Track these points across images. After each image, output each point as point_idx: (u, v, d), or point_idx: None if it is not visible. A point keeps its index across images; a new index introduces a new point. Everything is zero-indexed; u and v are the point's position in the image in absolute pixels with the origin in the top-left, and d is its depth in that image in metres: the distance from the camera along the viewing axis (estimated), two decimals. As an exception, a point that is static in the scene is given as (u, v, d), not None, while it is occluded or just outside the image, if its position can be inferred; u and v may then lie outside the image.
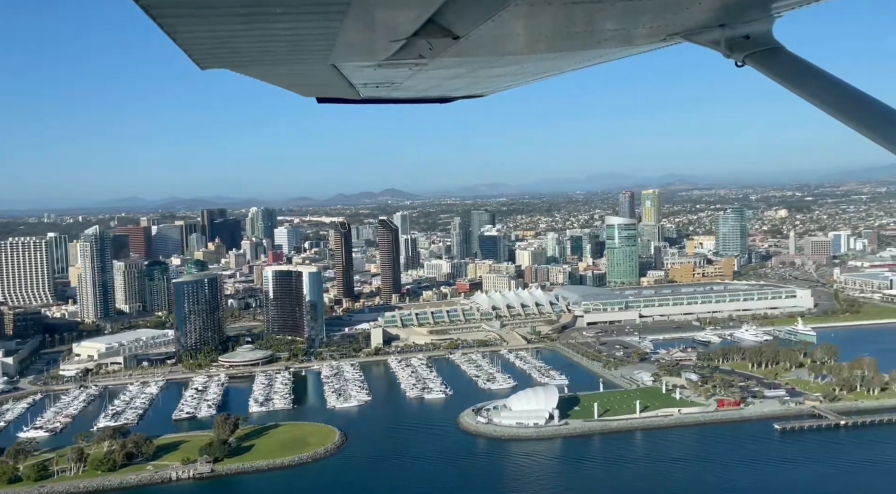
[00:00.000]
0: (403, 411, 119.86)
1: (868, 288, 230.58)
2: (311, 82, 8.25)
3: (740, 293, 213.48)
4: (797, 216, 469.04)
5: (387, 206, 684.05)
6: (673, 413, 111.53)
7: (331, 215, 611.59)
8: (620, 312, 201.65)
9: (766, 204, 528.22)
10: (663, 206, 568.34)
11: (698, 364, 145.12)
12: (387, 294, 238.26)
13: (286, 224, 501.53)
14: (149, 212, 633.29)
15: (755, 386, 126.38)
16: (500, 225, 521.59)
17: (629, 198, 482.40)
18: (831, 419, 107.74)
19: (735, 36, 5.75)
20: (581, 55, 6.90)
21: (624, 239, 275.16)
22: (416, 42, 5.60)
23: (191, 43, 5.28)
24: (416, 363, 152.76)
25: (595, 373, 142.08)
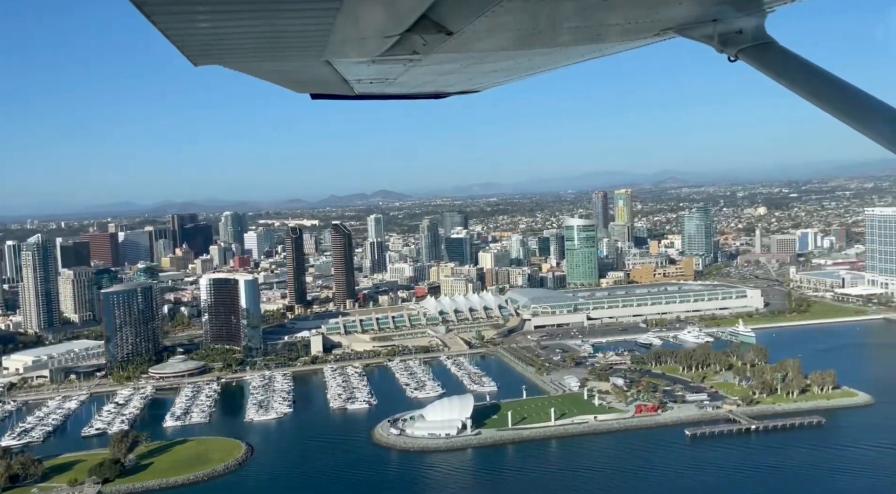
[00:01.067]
0: (321, 423, 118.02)
1: (822, 286, 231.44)
2: (305, 78, 8.22)
3: (691, 294, 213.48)
4: (776, 213, 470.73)
5: (376, 208, 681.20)
6: (588, 420, 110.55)
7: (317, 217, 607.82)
8: (569, 315, 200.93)
9: (750, 201, 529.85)
10: (647, 205, 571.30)
11: (631, 367, 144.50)
12: (341, 299, 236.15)
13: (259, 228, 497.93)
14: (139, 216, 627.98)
15: (680, 390, 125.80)
16: (480, 226, 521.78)
17: (602, 197, 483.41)
18: (744, 423, 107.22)
19: (728, 30, 5.75)
20: (575, 50, 6.94)
21: (583, 240, 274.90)
22: (409, 38, 5.55)
23: (184, 39, 5.24)
24: (351, 371, 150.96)
25: (527, 379, 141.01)
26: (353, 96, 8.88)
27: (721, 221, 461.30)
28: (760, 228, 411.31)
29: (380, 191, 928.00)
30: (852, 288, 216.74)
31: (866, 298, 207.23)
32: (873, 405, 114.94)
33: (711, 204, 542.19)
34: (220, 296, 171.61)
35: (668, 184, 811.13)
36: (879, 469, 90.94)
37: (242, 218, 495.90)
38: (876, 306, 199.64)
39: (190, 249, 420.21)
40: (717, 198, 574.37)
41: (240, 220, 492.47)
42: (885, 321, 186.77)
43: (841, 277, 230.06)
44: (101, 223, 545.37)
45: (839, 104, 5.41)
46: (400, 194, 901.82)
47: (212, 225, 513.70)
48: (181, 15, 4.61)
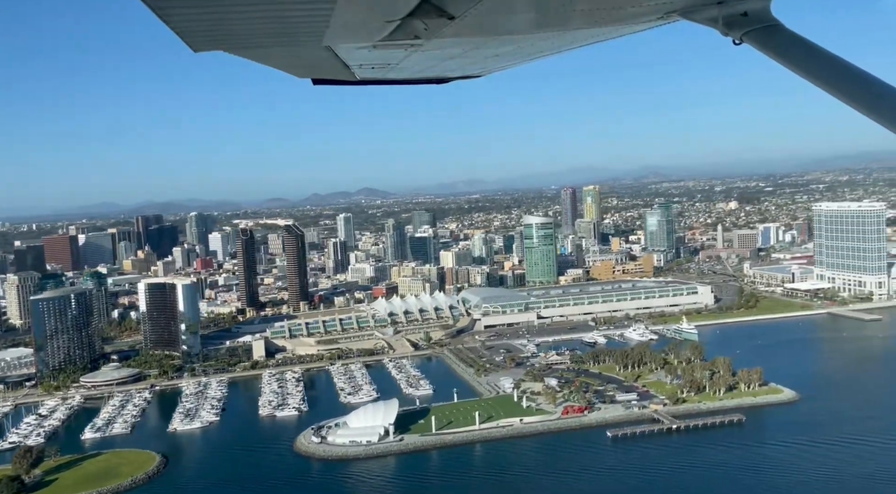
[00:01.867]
0: (246, 431, 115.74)
1: (774, 281, 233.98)
2: (307, 63, 8.08)
3: (642, 291, 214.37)
4: (746, 207, 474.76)
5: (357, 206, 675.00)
6: (514, 423, 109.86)
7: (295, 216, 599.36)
8: (520, 314, 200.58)
9: (726, 195, 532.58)
10: (623, 200, 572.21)
11: (570, 367, 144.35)
12: (294, 302, 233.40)
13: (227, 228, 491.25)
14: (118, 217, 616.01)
15: (613, 389, 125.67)
16: (455, 224, 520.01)
17: (570, 194, 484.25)
18: (666, 423, 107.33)
19: (733, 13, 5.71)
20: (579, 34, 6.88)
21: (542, 238, 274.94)
22: (411, 22, 5.53)
23: (184, 25, 5.22)
24: (290, 376, 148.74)
25: (465, 381, 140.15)
26: (354, 82, 8.84)
27: (691, 216, 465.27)
28: (723, 224, 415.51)
29: (363, 189, 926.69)
30: (801, 284, 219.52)
31: (813, 293, 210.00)
32: (797, 401, 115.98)
33: (686, 198, 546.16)
34: (158, 302, 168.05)
35: (649, 180, 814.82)
36: (787, 467, 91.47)
37: (207, 219, 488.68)
38: (821, 301, 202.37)
39: (153, 251, 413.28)
40: (694, 192, 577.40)
41: (205, 221, 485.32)
42: (829, 315, 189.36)
43: (791, 272, 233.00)
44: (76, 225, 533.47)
45: (845, 87, 5.29)
46: (383, 192, 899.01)
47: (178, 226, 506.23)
48: (180, 1, 4.55)
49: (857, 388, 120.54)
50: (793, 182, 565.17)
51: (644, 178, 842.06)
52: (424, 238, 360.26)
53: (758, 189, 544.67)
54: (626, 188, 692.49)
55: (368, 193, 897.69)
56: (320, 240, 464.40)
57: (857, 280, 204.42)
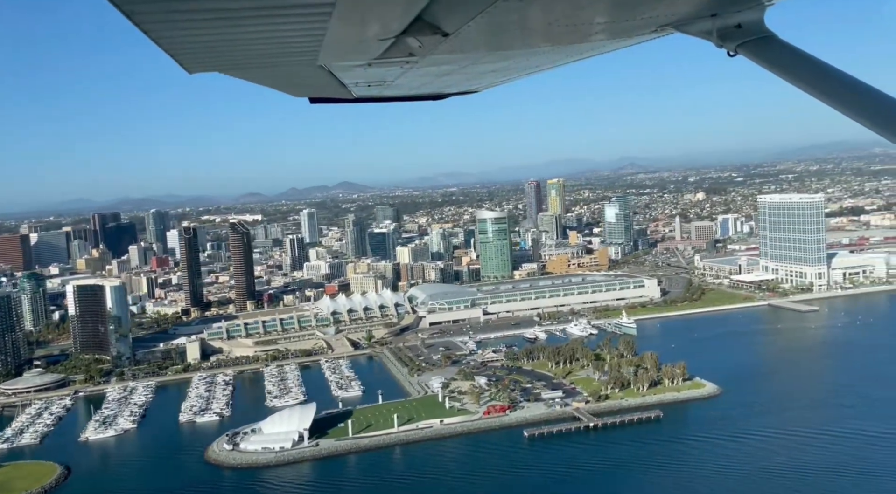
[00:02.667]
0: (162, 439, 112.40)
1: (722, 273, 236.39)
2: (302, 83, 8.14)
3: (589, 285, 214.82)
4: (713, 198, 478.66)
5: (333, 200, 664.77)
6: (434, 424, 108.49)
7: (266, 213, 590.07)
8: (466, 310, 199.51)
9: (698, 185, 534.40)
10: (595, 192, 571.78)
11: (504, 364, 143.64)
12: (241, 301, 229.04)
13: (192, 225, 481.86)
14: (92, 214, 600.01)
15: (541, 387, 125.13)
16: (426, 218, 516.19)
17: (535, 187, 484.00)
18: (585, 421, 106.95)
19: (727, 25, 5.73)
20: (573, 48, 6.89)
21: (496, 232, 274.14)
22: (405, 40, 5.58)
23: (178, 48, 5.24)
24: (220, 380, 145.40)
25: (398, 381, 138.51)
26: (351, 100, 8.78)
27: (657, 208, 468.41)
28: (687, 215, 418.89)
29: (341, 183, 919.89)
30: (746, 275, 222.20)
31: (757, 284, 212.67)
32: (719, 395, 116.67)
33: (657, 190, 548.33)
34: (87, 304, 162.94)
35: (626, 171, 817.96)
36: (697, 462, 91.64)
37: (166, 216, 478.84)
38: (763, 292, 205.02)
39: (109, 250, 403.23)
40: (668, 183, 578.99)
41: (162, 219, 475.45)
42: (769, 307, 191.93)
43: (738, 264, 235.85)
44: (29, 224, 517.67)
45: (840, 96, 5.31)
46: (362, 185, 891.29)
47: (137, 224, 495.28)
48: (175, 24, 4.49)
49: (779, 380, 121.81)
50: (764, 172, 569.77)
51: (622, 169, 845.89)
52: (383, 233, 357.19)
53: (729, 179, 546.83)
54: (602, 179, 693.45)
55: (347, 187, 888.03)
56: (284, 235, 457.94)
57: (799, 271, 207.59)
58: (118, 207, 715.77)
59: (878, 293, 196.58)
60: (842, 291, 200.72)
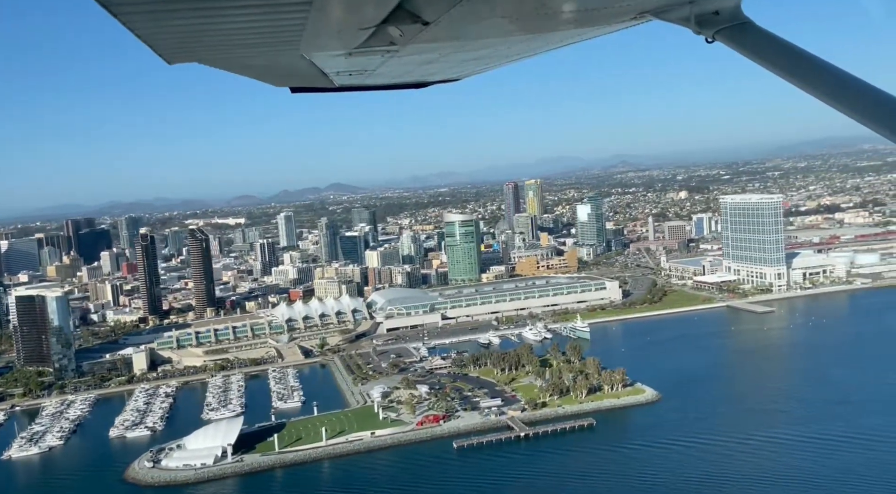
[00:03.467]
0: (86, 456, 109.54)
1: (687, 274, 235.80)
2: (283, 72, 8.10)
3: (550, 288, 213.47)
4: (696, 197, 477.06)
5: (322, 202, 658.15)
6: (364, 436, 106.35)
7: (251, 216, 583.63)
8: (424, 315, 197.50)
9: (686, 183, 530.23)
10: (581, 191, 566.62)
11: (451, 371, 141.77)
12: (200, 308, 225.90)
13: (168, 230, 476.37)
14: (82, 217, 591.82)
15: (482, 395, 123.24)
16: (409, 219, 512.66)
17: (512, 188, 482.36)
18: (517, 431, 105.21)
19: (704, 12, 5.83)
20: (553, 36, 6.97)
21: (463, 235, 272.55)
22: (385, 29, 5.61)
23: (156, 39, 5.25)
24: (163, 392, 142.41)
25: (342, 391, 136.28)
26: (333, 89, 8.84)
27: (637, 207, 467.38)
28: (666, 214, 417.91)
29: (333, 185, 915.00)
30: (709, 276, 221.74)
31: (719, 286, 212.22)
32: (658, 401, 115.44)
33: (643, 189, 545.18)
34: (29, 315, 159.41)
35: (617, 169, 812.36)
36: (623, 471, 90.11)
37: (138, 221, 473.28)
38: (724, 294, 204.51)
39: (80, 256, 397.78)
40: (656, 181, 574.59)
41: (136, 224, 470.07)
42: (728, 308, 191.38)
43: (702, 265, 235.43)
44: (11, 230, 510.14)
45: (816, 82, 5.40)
46: (354, 187, 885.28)
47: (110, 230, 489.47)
48: (152, 14, 4.51)
49: (721, 384, 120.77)
50: (752, 170, 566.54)
51: (613, 168, 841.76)
52: (354, 237, 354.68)
53: (715, 178, 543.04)
54: (591, 178, 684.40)
55: (338, 189, 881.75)
56: (264, 239, 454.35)
57: (759, 272, 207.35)
58: (108, 211, 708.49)
59: (837, 293, 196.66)
60: (801, 291, 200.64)
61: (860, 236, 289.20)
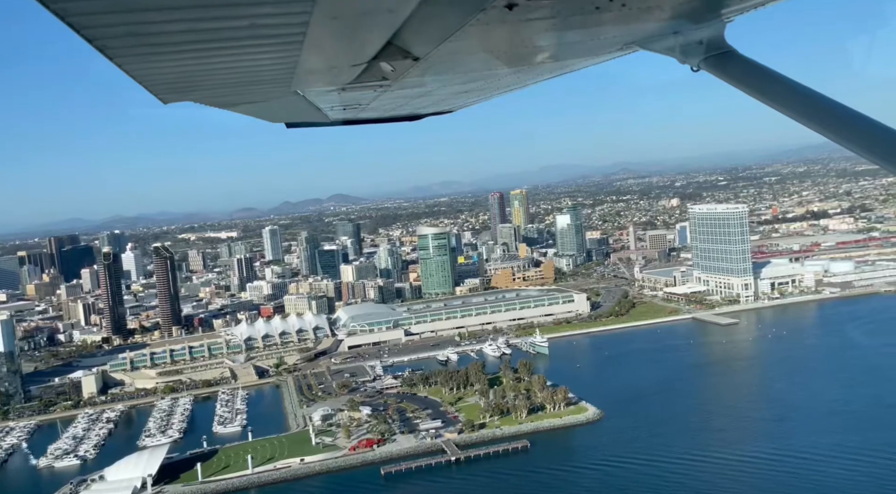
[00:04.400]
0: (5, 488, 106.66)
1: (659, 285, 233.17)
2: (278, 109, 8.20)
3: (516, 302, 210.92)
4: (688, 204, 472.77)
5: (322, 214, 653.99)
6: (293, 463, 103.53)
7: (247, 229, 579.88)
8: (387, 332, 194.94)
9: (683, 190, 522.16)
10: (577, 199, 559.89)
11: (400, 391, 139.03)
12: (167, 327, 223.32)
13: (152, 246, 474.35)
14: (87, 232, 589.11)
15: (425, 415, 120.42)
16: (400, 230, 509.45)
17: (498, 199, 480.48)
18: (449, 455, 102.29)
19: (689, 42, 5.97)
20: (543, 68, 7.10)
21: (437, 248, 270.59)
22: (376, 65, 5.69)
23: (150, 79, 5.34)
24: (105, 417, 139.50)
25: (286, 414, 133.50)
26: (328, 123, 8.97)
27: (628, 215, 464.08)
28: (654, 223, 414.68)
29: (335, 195, 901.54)
30: (679, 288, 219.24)
31: (688, 297, 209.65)
32: (599, 420, 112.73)
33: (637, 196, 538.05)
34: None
35: (618, 176, 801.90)
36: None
37: (121, 237, 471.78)
38: (691, 305, 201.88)
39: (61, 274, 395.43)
40: (654, 188, 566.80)
41: (118, 240, 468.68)
42: (693, 320, 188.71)
43: (674, 275, 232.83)
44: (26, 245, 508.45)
45: (799, 108, 5.53)
46: (356, 197, 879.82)
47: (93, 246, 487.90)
48: (146, 56, 4.56)
49: (666, 401, 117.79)
50: (750, 175, 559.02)
51: (613, 175, 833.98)
52: (332, 251, 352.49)
53: (713, 184, 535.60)
54: (591, 185, 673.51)
55: (340, 199, 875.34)
56: (253, 253, 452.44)
57: (726, 282, 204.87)
58: (109, 226, 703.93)
59: (804, 303, 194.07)
60: (769, 302, 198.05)
61: (841, 243, 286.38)
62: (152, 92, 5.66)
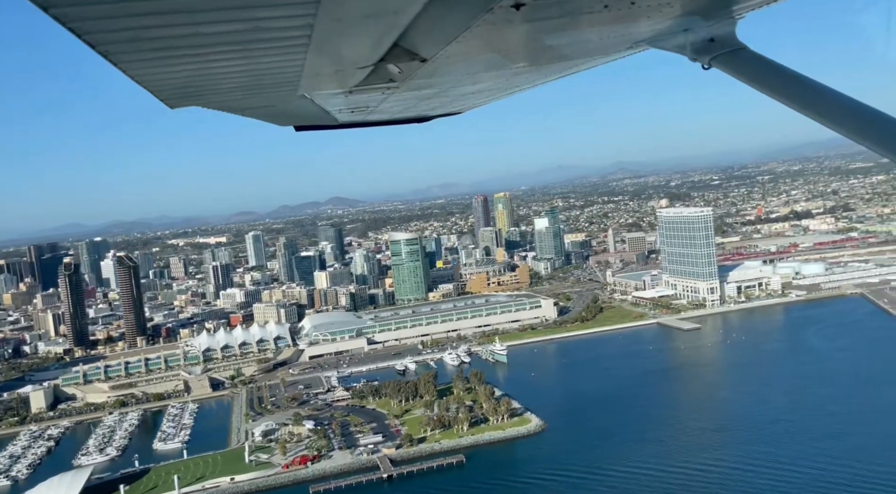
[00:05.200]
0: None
1: (629, 289, 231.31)
2: (286, 112, 8.19)
3: (483, 308, 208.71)
4: (676, 205, 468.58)
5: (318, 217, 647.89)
6: (222, 483, 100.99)
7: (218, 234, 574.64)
8: (350, 340, 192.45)
9: (678, 189, 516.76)
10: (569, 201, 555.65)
11: (350, 404, 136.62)
12: (131, 338, 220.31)
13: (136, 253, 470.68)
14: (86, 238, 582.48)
15: (368, 430, 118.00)
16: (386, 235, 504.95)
17: (482, 202, 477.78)
18: (383, 471, 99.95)
19: (699, 39, 5.89)
20: (551, 68, 7.02)
21: (409, 254, 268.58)
22: (384, 67, 5.67)
23: (156, 85, 5.37)
24: (49, 434, 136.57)
25: (233, 428, 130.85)
26: (336, 126, 8.90)
27: (616, 216, 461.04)
28: (640, 224, 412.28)
29: (333, 199, 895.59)
30: (646, 291, 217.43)
31: (655, 301, 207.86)
32: (541, 432, 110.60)
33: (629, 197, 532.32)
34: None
35: (616, 176, 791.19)
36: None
37: (99, 245, 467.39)
38: (656, 310, 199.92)
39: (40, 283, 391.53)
40: (649, 188, 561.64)
41: (97, 248, 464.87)
42: (657, 326, 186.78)
43: (643, 279, 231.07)
44: None
45: (811, 105, 5.45)
46: (354, 200, 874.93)
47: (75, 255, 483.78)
48: (150, 61, 4.57)
49: (611, 412, 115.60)
50: (745, 174, 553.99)
51: (611, 175, 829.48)
52: (309, 257, 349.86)
53: (706, 183, 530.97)
54: (586, 186, 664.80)
55: (338, 202, 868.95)
56: (239, 258, 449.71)
57: (693, 286, 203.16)
58: (108, 230, 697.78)
59: (770, 307, 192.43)
60: (735, 306, 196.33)
61: (819, 244, 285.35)
62: (159, 97, 5.59)
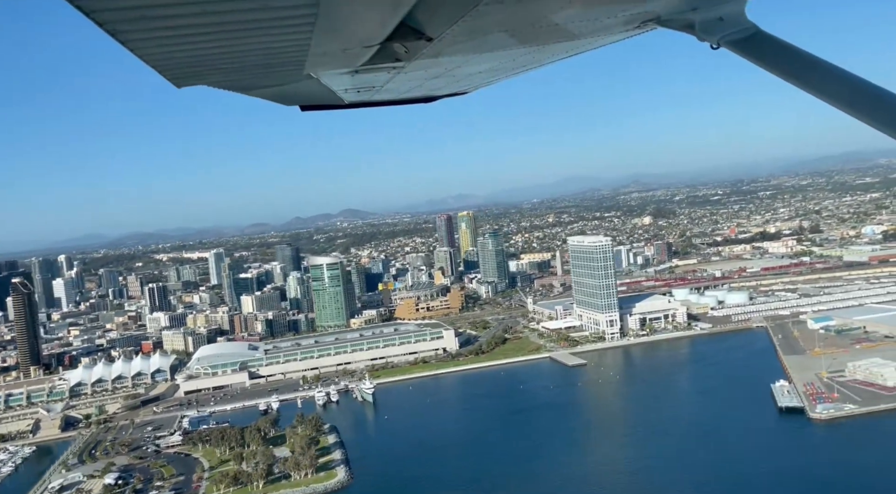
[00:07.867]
0: None
1: (544, 318, 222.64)
2: (292, 92, 8.02)
3: (380, 339, 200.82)
4: (660, 222, 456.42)
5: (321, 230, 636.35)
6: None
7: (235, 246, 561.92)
8: (232, 374, 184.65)
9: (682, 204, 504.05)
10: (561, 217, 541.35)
11: (180, 451, 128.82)
12: (25, 367, 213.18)
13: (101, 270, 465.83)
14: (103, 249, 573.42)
15: (171, 485, 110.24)
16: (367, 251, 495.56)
17: (446, 220, 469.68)
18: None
19: (708, 18, 5.80)
20: (559, 47, 6.98)
21: (331, 279, 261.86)
22: (390, 46, 5.66)
23: (164, 63, 5.36)
24: None
25: (42, 480, 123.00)
26: (342, 106, 8.88)
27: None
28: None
29: (345, 210, 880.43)
30: (552, 322, 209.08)
31: (559, 333, 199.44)
32: (345, 486, 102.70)
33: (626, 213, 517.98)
34: None
35: (627, 189, 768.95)
36: None
37: (52, 263, 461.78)
38: (557, 342, 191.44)
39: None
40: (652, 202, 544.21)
41: (49, 266, 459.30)
42: (550, 360, 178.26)
43: (555, 308, 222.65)
44: None
45: (824, 87, 5.35)
46: (365, 212, 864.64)
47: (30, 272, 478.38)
48: (159, 39, 4.58)
49: (435, 460, 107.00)
50: (754, 188, 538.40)
51: (623, 188, 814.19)
52: (247, 279, 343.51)
53: (705, 198, 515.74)
54: (593, 200, 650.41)
55: (351, 214, 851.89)
56: (197, 277, 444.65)
57: (595, 319, 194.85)
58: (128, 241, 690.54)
59: (669, 340, 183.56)
60: (634, 339, 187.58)
61: (765, 268, 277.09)
62: (165, 76, 5.52)
